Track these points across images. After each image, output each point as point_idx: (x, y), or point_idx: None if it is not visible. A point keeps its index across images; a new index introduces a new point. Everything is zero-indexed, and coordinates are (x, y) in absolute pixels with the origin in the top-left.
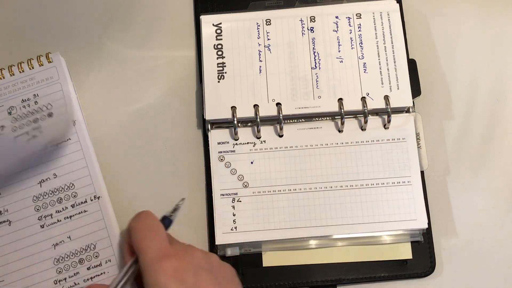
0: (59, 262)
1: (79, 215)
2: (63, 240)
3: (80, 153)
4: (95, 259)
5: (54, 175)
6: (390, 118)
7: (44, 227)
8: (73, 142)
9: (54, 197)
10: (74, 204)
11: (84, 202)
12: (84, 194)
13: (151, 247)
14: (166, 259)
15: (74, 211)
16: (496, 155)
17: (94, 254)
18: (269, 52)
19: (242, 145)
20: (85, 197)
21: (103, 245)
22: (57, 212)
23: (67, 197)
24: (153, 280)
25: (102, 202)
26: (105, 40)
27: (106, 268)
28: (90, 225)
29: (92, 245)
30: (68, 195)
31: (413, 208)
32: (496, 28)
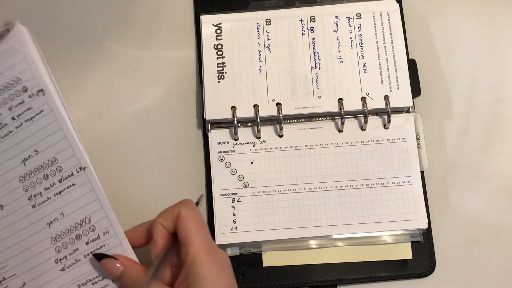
0: (56, 240)
1: (68, 190)
2: (57, 218)
3: (56, 124)
4: (92, 232)
5: (35, 151)
6: (390, 118)
7: (35, 207)
8: (46, 113)
9: (40, 174)
10: (61, 179)
11: (70, 176)
12: (69, 167)
13: (205, 239)
14: (216, 253)
15: (62, 186)
16: (496, 155)
17: (90, 227)
18: (269, 52)
19: (242, 145)
20: (70, 170)
21: (97, 217)
22: (46, 190)
23: (52, 173)
24: (206, 272)
25: (88, 172)
26: (105, 40)
27: (105, 240)
28: (81, 199)
29: (87, 219)
30: (53, 170)
31: (413, 208)
32: (496, 28)
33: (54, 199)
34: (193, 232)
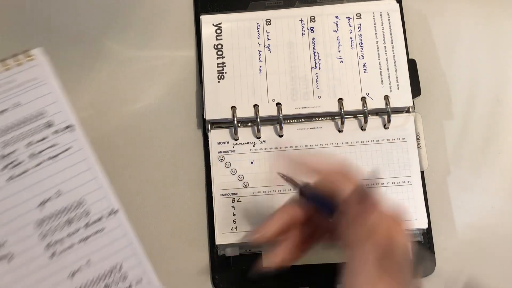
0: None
1: (96, 235)
2: (81, 267)
3: (85, 163)
4: (122, 282)
5: (57, 193)
6: (390, 118)
7: (54, 256)
8: (75, 151)
9: (61, 218)
10: (87, 224)
11: (99, 220)
12: (97, 210)
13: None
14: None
15: (88, 231)
16: (496, 155)
17: (121, 276)
18: (269, 52)
19: (242, 145)
20: (99, 214)
21: (130, 264)
22: (68, 236)
23: (77, 217)
24: (363, 231)
25: (120, 216)
26: (105, 40)
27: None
28: (111, 245)
29: (118, 266)
30: (78, 214)
31: (413, 208)
32: (496, 28)
33: (79, 246)
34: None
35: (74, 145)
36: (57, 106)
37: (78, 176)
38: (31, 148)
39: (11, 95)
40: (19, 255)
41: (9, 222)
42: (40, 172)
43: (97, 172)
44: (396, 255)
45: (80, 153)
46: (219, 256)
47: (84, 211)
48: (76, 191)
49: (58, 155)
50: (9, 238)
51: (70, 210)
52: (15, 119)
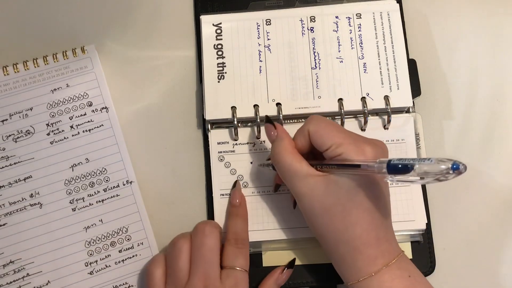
0: (91, 244)
1: (111, 199)
2: (95, 223)
3: (113, 139)
4: (127, 241)
5: (86, 159)
6: (390, 118)
7: (75, 210)
8: (106, 128)
9: (86, 181)
10: (106, 188)
11: (116, 187)
12: (116, 179)
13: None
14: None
15: (106, 195)
16: (496, 155)
17: (126, 237)
18: (269, 52)
19: (242, 145)
20: (117, 182)
21: (135, 228)
22: (89, 196)
23: (99, 182)
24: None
25: (134, 186)
26: (105, 40)
27: (138, 250)
28: (122, 209)
29: (124, 228)
30: (100, 180)
31: (411, 208)
32: (496, 28)
33: (96, 205)
34: (328, 140)
35: (106, 124)
36: (98, 90)
37: (105, 148)
38: (72, 121)
39: (65, 77)
40: (49, 204)
41: (45, 176)
42: (76, 141)
43: (120, 148)
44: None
45: (110, 130)
46: None
47: (105, 177)
48: (101, 161)
49: (92, 129)
50: (43, 189)
51: (94, 175)
52: (64, 96)
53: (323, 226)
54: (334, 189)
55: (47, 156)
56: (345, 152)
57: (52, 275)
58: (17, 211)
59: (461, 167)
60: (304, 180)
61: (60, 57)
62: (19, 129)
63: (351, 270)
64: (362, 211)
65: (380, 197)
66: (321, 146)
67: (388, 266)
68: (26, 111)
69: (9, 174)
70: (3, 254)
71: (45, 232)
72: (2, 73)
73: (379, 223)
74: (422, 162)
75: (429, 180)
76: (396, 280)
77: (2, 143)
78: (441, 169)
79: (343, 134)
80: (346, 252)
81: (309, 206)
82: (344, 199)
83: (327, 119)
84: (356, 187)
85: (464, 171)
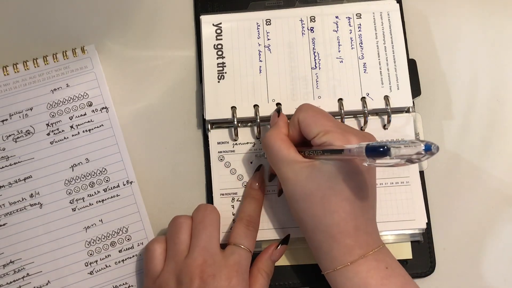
0: (91, 244)
1: (111, 199)
2: (95, 223)
3: (113, 139)
4: (127, 242)
5: (87, 159)
6: (390, 118)
7: (75, 210)
8: (106, 128)
9: (86, 181)
10: (106, 189)
11: (116, 187)
12: (116, 179)
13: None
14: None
15: (106, 195)
16: (496, 155)
17: (126, 237)
18: (269, 52)
19: (242, 145)
20: (117, 182)
21: (135, 228)
22: (89, 196)
23: (99, 182)
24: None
25: (134, 187)
26: (105, 40)
27: (138, 250)
28: (122, 209)
29: (124, 228)
30: (100, 180)
31: (412, 208)
32: (496, 28)
33: (96, 205)
34: (313, 129)
35: (106, 124)
36: (98, 90)
37: (105, 148)
38: (72, 121)
39: (65, 77)
40: (49, 204)
41: (45, 176)
42: (76, 141)
43: (120, 148)
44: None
45: (110, 130)
46: None
47: (105, 177)
48: (101, 161)
49: (92, 130)
50: (44, 189)
51: (94, 175)
52: (64, 96)
53: (303, 211)
54: (317, 175)
55: (47, 156)
56: (330, 140)
57: (52, 275)
58: (17, 211)
59: (433, 148)
60: (289, 165)
61: (60, 57)
62: (19, 129)
63: (327, 258)
64: (342, 199)
65: (362, 188)
66: (308, 134)
67: (365, 257)
68: (26, 111)
69: (9, 174)
70: (3, 254)
71: (45, 232)
72: (2, 73)
73: (359, 214)
74: (398, 143)
75: (402, 162)
76: (372, 271)
77: (2, 143)
78: (415, 150)
79: (331, 123)
80: (323, 239)
81: (292, 191)
82: (325, 186)
83: (316, 108)
84: (338, 175)
85: (436, 151)
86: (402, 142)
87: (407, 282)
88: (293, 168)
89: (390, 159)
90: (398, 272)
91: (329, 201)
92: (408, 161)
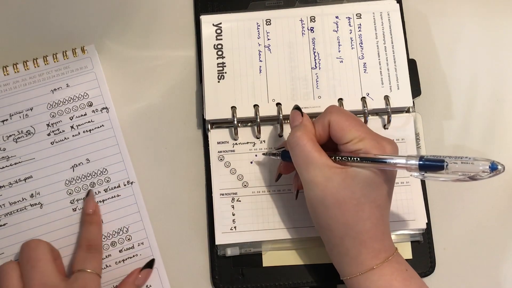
0: None
1: (112, 199)
2: None
3: (113, 140)
4: (127, 241)
5: (87, 160)
6: (390, 118)
7: (76, 211)
8: (106, 128)
9: (87, 181)
10: (107, 189)
11: (117, 187)
12: (117, 179)
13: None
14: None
15: (106, 195)
16: (496, 155)
17: (126, 237)
18: (269, 52)
19: (242, 145)
20: (118, 182)
21: (135, 228)
22: None
23: (100, 182)
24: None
25: (135, 187)
26: (105, 40)
27: (138, 250)
28: (122, 209)
29: (125, 228)
30: (101, 180)
31: (412, 208)
32: (496, 28)
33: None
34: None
35: (106, 124)
36: (98, 91)
37: (106, 149)
38: (73, 121)
39: (65, 77)
40: (49, 204)
41: (45, 177)
42: (77, 141)
43: (121, 148)
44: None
45: (110, 131)
46: (219, 256)
47: (106, 178)
48: (102, 161)
49: (93, 130)
50: (44, 189)
51: (94, 175)
52: (64, 96)
53: (333, 218)
54: (351, 183)
55: (47, 156)
56: (366, 147)
57: None
58: (17, 211)
59: (500, 167)
60: (320, 169)
61: (60, 57)
62: (20, 129)
63: (353, 263)
64: (375, 207)
65: (390, 194)
66: (341, 139)
67: (388, 260)
68: (27, 111)
69: (9, 174)
70: (3, 254)
71: (45, 232)
72: (2, 73)
73: (386, 218)
74: (456, 160)
75: (460, 178)
76: (396, 273)
77: (2, 143)
78: (478, 169)
79: (364, 129)
80: (351, 245)
81: (321, 197)
82: (359, 194)
83: (348, 112)
84: (373, 183)
85: (503, 170)
86: (465, 159)
87: (423, 285)
88: (324, 173)
89: (445, 174)
90: (414, 275)
91: (362, 209)
92: (470, 178)
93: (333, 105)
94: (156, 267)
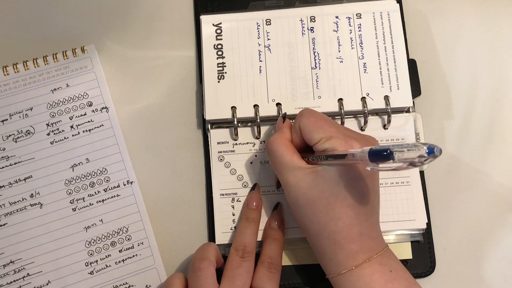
0: (91, 244)
1: (112, 199)
2: (95, 223)
3: (113, 139)
4: (127, 241)
5: (87, 159)
6: (390, 118)
7: (76, 210)
8: (106, 128)
9: (87, 181)
10: (106, 189)
11: (117, 187)
12: (117, 179)
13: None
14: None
15: (106, 195)
16: (496, 155)
17: (126, 237)
18: (269, 52)
19: (242, 145)
20: (118, 182)
21: (135, 228)
22: (89, 196)
23: (99, 182)
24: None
25: (134, 187)
26: (105, 40)
27: (138, 250)
28: (122, 209)
29: (125, 228)
30: (100, 180)
31: (412, 208)
32: (496, 28)
33: (96, 205)
34: (315, 135)
35: (106, 124)
36: (98, 90)
37: (105, 149)
38: (72, 121)
39: (65, 77)
40: (49, 204)
41: (45, 176)
42: (76, 141)
43: (121, 148)
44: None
45: (110, 130)
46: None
47: (106, 177)
48: (102, 161)
49: (92, 130)
50: (44, 189)
51: (94, 175)
52: (64, 96)
53: (306, 218)
54: (319, 182)
55: (47, 156)
56: (333, 146)
57: (52, 275)
58: (17, 211)
59: (436, 150)
60: (292, 171)
61: (60, 57)
62: (19, 129)
63: (331, 263)
64: (345, 206)
65: (366, 194)
66: (310, 140)
67: (369, 261)
68: (26, 111)
69: (9, 174)
70: (3, 254)
71: (45, 232)
72: (2, 73)
73: (363, 219)
74: (401, 147)
75: (404, 166)
76: (376, 274)
77: (2, 143)
78: (418, 154)
79: (333, 128)
80: (327, 245)
81: (295, 198)
82: (328, 193)
83: (318, 113)
84: (341, 181)
85: (439, 154)
86: (405, 146)
87: (411, 285)
88: (296, 174)
89: (393, 163)
90: (402, 275)
91: (333, 208)
92: (410, 164)
93: (305, 109)
94: (156, 267)
